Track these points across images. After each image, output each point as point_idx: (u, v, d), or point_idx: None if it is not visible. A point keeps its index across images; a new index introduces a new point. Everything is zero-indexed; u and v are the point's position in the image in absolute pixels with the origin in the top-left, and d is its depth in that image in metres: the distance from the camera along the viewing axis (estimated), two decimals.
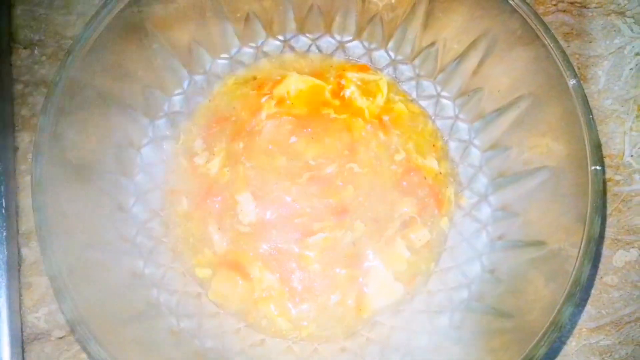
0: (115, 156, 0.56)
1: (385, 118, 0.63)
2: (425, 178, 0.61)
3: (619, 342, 0.60)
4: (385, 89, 0.64)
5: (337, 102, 0.62)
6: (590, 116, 0.49)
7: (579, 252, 0.46)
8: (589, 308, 0.61)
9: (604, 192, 0.47)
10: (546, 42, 0.51)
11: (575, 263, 0.45)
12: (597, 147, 0.48)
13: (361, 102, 0.63)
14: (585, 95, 0.49)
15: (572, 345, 0.60)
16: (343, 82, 0.63)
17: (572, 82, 0.50)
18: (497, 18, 0.54)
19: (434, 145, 0.63)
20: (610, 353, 0.60)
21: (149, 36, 0.56)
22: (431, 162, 0.62)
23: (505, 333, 0.47)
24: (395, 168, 0.61)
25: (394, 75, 0.64)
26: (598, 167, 0.48)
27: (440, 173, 0.62)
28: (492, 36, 0.56)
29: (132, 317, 0.49)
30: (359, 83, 0.64)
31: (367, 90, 0.63)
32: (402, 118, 0.64)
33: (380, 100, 0.63)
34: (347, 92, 0.63)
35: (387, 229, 0.59)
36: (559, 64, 0.50)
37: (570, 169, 0.50)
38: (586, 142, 0.48)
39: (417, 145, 0.63)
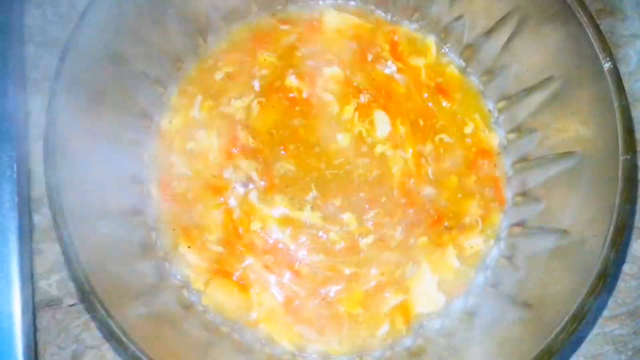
0: (130, 124, 0.54)
1: (439, 80, 0.57)
2: (495, 166, 0.55)
3: (634, 332, 0.59)
4: (434, 48, 0.59)
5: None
6: (625, 102, 0.46)
7: (604, 243, 0.44)
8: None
9: (635, 182, 0.45)
10: (582, 21, 0.48)
11: (600, 255, 0.44)
12: (630, 135, 0.46)
13: (416, 60, 0.57)
14: (621, 80, 0.47)
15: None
16: (396, 37, 0.58)
17: (607, 64, 0.47)
18: None
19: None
20: (623, 343, 0.59)
21: (165, 1, 0.54)
22: (494, 138, 0.56)
23: (523, 323, 0.46)
24: (470, 142, 0.55)
25: None
26: (629, 157, 0.45)
27: (499, 153, 0.56)
28: (524, 12, 0.53)
29: (142, 290, 0.49)
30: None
31: (416, 49, 0.59)
32: (456, 82, 0.58)
33: (431, 59, 0.58)
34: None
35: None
36: (595, 45, 0.47)
37: (599, 155, 0.48)
38: (619, 128, 0.46)
39: (482, 115, 0.57)
